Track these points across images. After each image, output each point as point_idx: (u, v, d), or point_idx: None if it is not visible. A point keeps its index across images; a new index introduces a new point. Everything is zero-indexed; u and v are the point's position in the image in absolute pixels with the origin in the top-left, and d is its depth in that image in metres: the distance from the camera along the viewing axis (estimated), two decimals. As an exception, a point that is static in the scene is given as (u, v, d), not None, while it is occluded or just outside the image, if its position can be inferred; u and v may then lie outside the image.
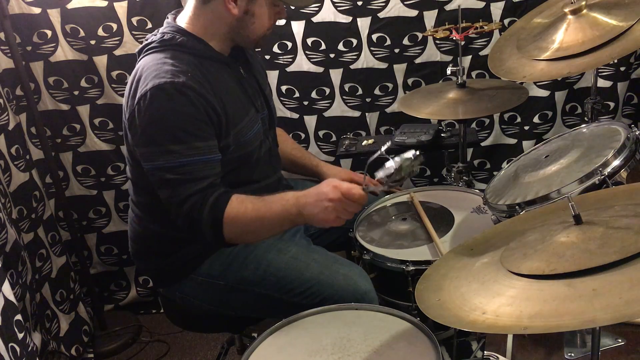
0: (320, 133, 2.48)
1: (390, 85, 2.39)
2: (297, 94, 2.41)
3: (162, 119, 1.35)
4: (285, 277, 1.47)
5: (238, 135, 1.45)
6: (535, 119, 2.42)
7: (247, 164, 1.52)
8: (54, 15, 2.21)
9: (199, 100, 1.35)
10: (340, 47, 2.32)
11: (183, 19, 1.47)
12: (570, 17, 1.55)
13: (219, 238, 1.39)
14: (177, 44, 1.42)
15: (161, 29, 1.47)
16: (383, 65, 2.34)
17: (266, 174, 1.59)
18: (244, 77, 1.55)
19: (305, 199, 1.36)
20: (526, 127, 2.45)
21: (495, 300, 0.95)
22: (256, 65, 1.67)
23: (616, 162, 1.32)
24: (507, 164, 1.70)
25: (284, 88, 2.40)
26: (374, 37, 2.29)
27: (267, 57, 2.34)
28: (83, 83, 2.32)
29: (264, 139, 1.58)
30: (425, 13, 2.24)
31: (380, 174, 1.33)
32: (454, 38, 1.93)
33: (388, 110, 2.43)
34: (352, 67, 2.35)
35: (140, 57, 1.45)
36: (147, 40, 1.47)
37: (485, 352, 1.74)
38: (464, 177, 2.04)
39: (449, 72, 1.93)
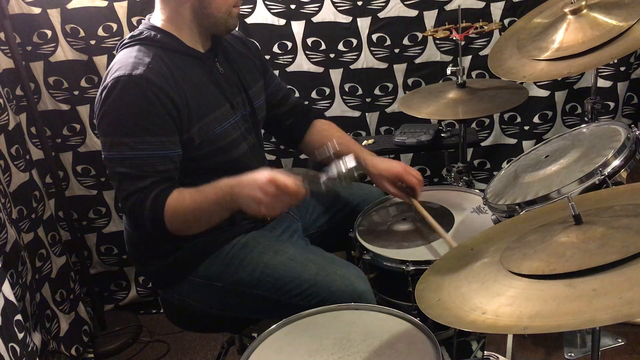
0: (320, 133, 2.48)
1: (390, 85, 2.39)
2: (297, 94, 2.41)
3: (117, 111, 1.37)
4: (282, 278, 1.47)
5: (204, 129, 1.45)
6: (535, 119, 2.42)
7: (227, 162, 1.51)
8: (54, 15, 2.21)
9: (154, 92, 1.36)
10: (340, 47, 2.32)
11: (155, 17, 1.50)
12: (570, 17, 1.55)
13: (162, 231, 1.39)
14: (144, 37, 1.44)
15: (138, 28, 1.50)
16: (383, 65, 2.35)
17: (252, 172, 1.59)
18: (221, 73, 1.55)
19: (239, 189, 1.34)
20: (526, 127, 2.45)
21: (495, 300, 0.95)
22: (247, 63, 1.66)
23: (616, 162, 1.32)
24: (507, 164, 1.70)
25: (284, 88, 2.40)
26: (374, 37, 2.29)
27: (267, 57, 2.34)
28: (83, 83, 2.32)
29: (245, 136, 1.57)
30: (425, 13, 2.25)
31: (323, 176, 1.35)
32: (454, 38, 1.93)
33: (388, 110, 2.43)
34: (352, 67, 2.35)
35: (116, 55, 1.48)
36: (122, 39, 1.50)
37: (485, 352, 1.74)
38: (464, 177, 2.04)
39: (449, 72, 1.93)
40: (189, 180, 1.43)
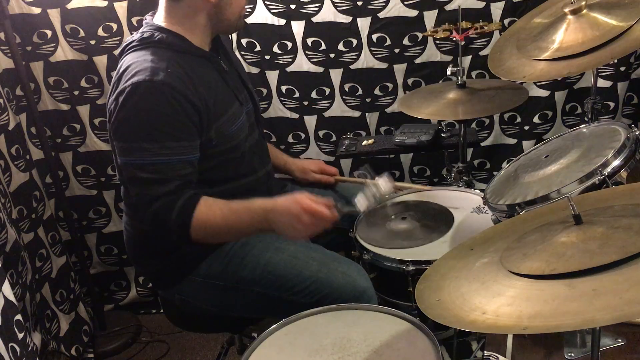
0: (320, 133, 2.49)
1: (390, 85, 2.39)
2: (297, 94, 2.41)
3: (137, 116, 1.36)
4: (283, 275, 1.48)
5: (221, 128, 1.46)
6: (535, 119, 2.42)
7: (233, 159, 1.52)
8: (54, 15, 2.21)
9: (176, 98, 1.36)
10: (340, 47, 2.32)
11: (160, 18, 1.49)
12: (570, 17, 1.55)
13: (186, 240, 1.40)
14: (156, 40, 1.43)
15: (141, 29, 1.49)
16: (383, 65, 2.34)
17: (254, 168, 1.59)
18: (226, 70, 1.56)
19: (274, 215, 1.37)
20: (526, 127, 2.45)
21: (495, 300, 0.95)
22: (236, 60, 1.69)
23: (616, 162, 1.32)
24: (507, 164, 1.70)
25: (284, 88, 2.40)
26: (374, 37, 2.29)
27: (267, 57, 2.34)
28: (83, 83, 2.32)
29: (250, 132, 1.58)
30: (425, 13, 2.24)
31: (360, 201, 1.44)
32: (454, 38, 1.93)
33: (388, 110, 2.43)
34: (352, 67, 2.35)
35: (122, 57, 1.47)
36: (127, 40, 1.49)
37: (485, 352, 1.74)
38: (464, 177, 2.04)
39: (449, 72, 1.93)
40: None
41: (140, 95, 1.34)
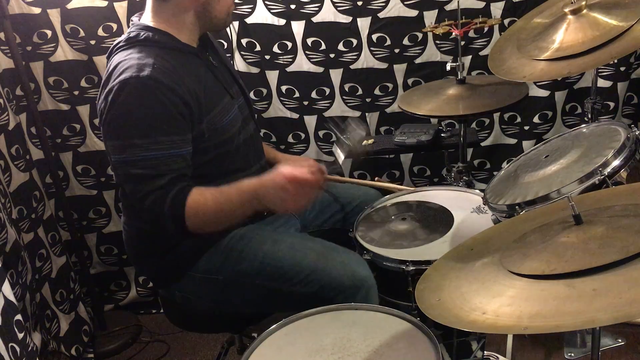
0: (320, 133, 2.49)
1: (390, 86, 2.39)
2: (297, 94, 2.41)
3: (127, 113, 1.37)
4: (282, 266, 1.48)
5: (212, 121, 1.46)
6: (535, 119, 2.42)
7: (227, 153, 1.52)
8: (54, 15, 2.21)
9: (164, 92, 1.36)
10: (340, 47, 2.32)
11: (147, 18, 1.50)
12: (570, 17, 1.55)
13: (182, 230, 1.40)
14: (142, 39, 1.44)
15: (128, 30, 1.49)
16: (383, 65, 2.35)
17: (249, 162, 1.60)
18: (215, 66, 1.57)
19: (263, 191, 1.38)
20: (526, 127, 2.45)
21: (495, 300, 0.95)
22: (225, 57, 1.69)
23: (616, 162, 1.32)
24: (507, 164, 1.70)
25: (284, 88, 2.40)
26: (374, 37, 2.29)
27: (267, 57, 2.34)
28: (83, 83, 2.32)
29: (243, 126, 1.59)
30: (425, 13, 2.25)
31: (338, 154, 1.40)
32: (454, 34, 1.93)
33: (388, 110, 2.43)
34: (352, 67, 2.35)
35: (110, 58, 1.47)
36: (115, 42, 1.50)
37: (485, 352, 1.74)
38: (464, 177, 2.04)
39: (448, 67, 1.93)
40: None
41: (128, 92, 1.35)
